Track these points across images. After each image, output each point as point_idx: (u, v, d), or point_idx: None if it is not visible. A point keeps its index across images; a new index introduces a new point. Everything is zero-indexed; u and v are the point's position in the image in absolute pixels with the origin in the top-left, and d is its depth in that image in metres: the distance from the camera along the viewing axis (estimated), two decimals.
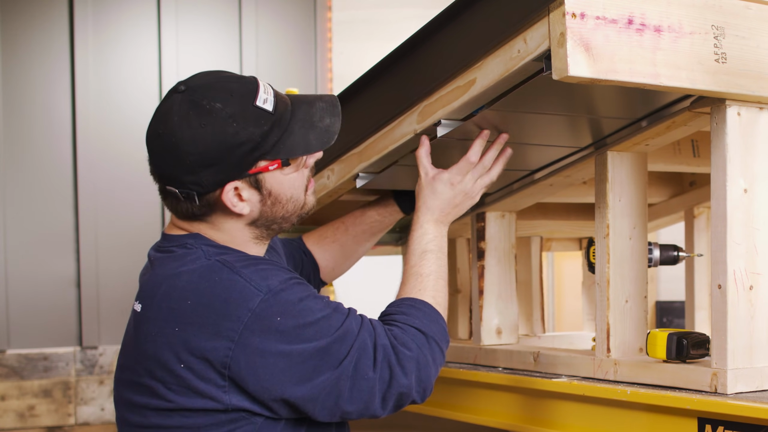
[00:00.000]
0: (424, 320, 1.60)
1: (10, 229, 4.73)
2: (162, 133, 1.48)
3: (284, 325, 1.42)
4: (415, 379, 1.53)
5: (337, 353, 1.46)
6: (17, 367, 4.65)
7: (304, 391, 1.45)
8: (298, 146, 1.55)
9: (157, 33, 5.00)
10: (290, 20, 5.30)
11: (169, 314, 1.44)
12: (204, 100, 1.48)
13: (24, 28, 4.77)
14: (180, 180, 1.49)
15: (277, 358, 1.42)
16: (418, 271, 1.70)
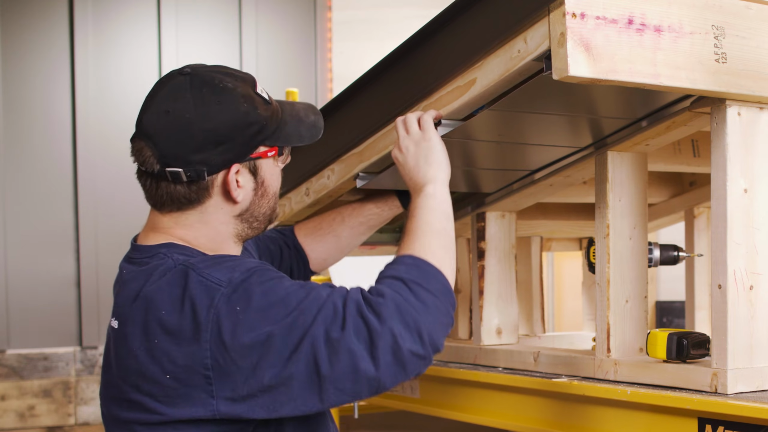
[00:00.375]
0: (405, 270, 1.49)
1: (10, 229, 4.73)
2: (171, 110, 1.47)
3: (246, 313, 1.40)
4: (400, 324, 1.41)
5: (304, 323, 1.40)
6: (17, 367, 4.65)
7: (283, 371, 1.40)
8: (293, 136, 1.58)
9: (157, 33, 5.01)
10: (290, 20, 5.30)
11: (147, 327, 1.43)
12: (215, 79, 1.50)
13: (24, 28, 4.77)
14: (187, 159, 1.47)
15: (251, 347, 1.39)
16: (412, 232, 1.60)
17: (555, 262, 5.43)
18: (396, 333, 1.40)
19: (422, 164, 1.67)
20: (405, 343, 1.41)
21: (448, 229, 1.61)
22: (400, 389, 2.51)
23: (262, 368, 1.39)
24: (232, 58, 5.15)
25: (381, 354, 1.40)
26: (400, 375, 1.42)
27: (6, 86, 4.74)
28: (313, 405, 1.42)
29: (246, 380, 1.40)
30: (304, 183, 2.28)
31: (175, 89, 1.49)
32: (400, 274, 1.47)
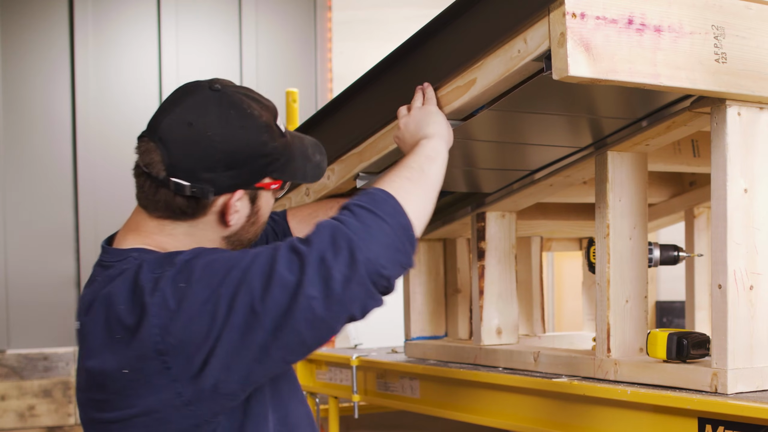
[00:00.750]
0: (354, 199, 1.43)
1: (10, 229, 4.73)
2: (194, 123, 1.45)
3: (191, 286, 1.38)
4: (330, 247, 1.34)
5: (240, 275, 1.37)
6: (17, 367, 4.65)
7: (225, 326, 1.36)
8: (298, 172, 1.57)
9: (157, 33, 5.01)
10: (290, 20, 5.30)
11: (105, 324, 1.43)
12: (244, 103, 1.48)
13: (24, 28, 4.77)
14: (196, 175, 1.46)
15: (197, 317, 1.36)
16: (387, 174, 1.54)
17: (555, 262, 5.43)
18: (325, 256, 1.33)
19: (421, 128, 1.65)
20: (334, 266, 1.33)
21: (426, 170, 1.52)
22: (399, 389, 2.51)
23: (210, 335, 1.36)
24: (232, 58, 5.15)
25: (310, 282, 1.33)
26: (336, 305, 1.34)
27: (6, 86, 4.74)
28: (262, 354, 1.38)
29: (199, 351, 1.37)
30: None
31: (203, 103, 1.47)
32: (347, 204, 1.42)
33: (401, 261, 1.40)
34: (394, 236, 1.39)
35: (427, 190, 1.51)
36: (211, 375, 1.38)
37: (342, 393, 2.81)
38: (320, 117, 2.25)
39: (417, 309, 2.64)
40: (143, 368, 1.39)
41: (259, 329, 1.35)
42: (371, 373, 2.65)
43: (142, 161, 1.50)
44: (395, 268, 1.38)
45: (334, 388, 2.86)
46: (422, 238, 2.65)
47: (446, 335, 2.68)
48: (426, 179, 1.51)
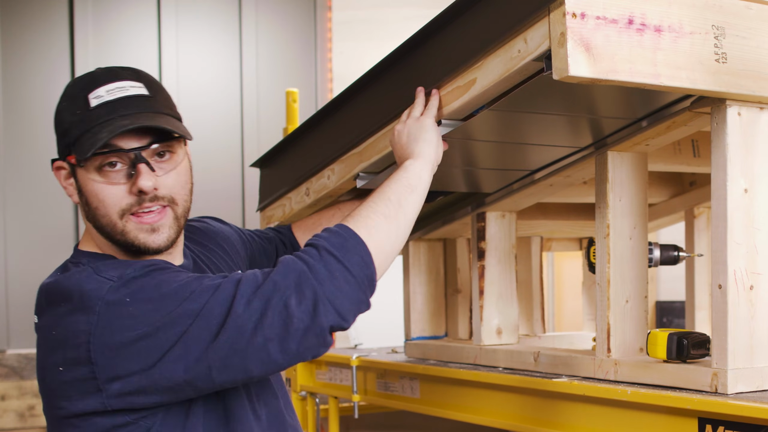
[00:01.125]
0: (325, 236, 1.42)
1: (10, 229, 4.73)
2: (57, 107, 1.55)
3: (134, 304, 1.36)
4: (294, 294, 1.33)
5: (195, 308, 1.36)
6: (17, 367, 4.65)
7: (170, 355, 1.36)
8: (88, 145, 1.43)
9: (157, 33, 5.01)
10: (290, 20, 5.30)
11: (47, 319, 1.44)
12: (76, 79, 1.53)
13: (24, 28, 4.77)
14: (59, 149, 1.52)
15: (136, 340, 1.35)
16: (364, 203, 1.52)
17: (555, 262, 5.43)
18: (289, 304, 1.33)
19: (411, 144, 1.65)
20: (296, 315, 1.33)
21: (404, 204, 1.51)
22: (400, 389, 2.51)
23: (150, 357, 1.36)
24: (232, 58, 5.15)
25: (270, 325, 1.33)
26: (291, 352, 1.35)
27: (6, 86, 4.74)
28: (205, 385, 1.38)
29: (132, 370, 1.36)
30: (304, 183, 2.28)
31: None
32: (318, 241, 1.41)
33: (360, 310, 1.41)
34: (358, 289, 1.39)
35: (401, 226, 1.50)
36: (140, 395, 1.38)
37: (342, 393, 2.81)
38: (320, 117, 2.25)
39: (417, 309, 2.64)
40: (74, 371, 1.39)
41: (204, 366, 1.36)
42: (371, 373, 2.65)
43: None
44: (353, 318, 1.40)
45: (334, 388, 2.86)
46: (422, 238, 2.65)
47: (446, 335, 2.68)
48: (402, 214, 1.51)
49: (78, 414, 1.41)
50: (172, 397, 1.40)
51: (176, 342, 1.35)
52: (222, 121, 5.11)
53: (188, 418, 1.45)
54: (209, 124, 5.07)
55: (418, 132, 1.67)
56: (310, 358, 1.39)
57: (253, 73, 5.18)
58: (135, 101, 1.46)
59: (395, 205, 1.50)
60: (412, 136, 1.67)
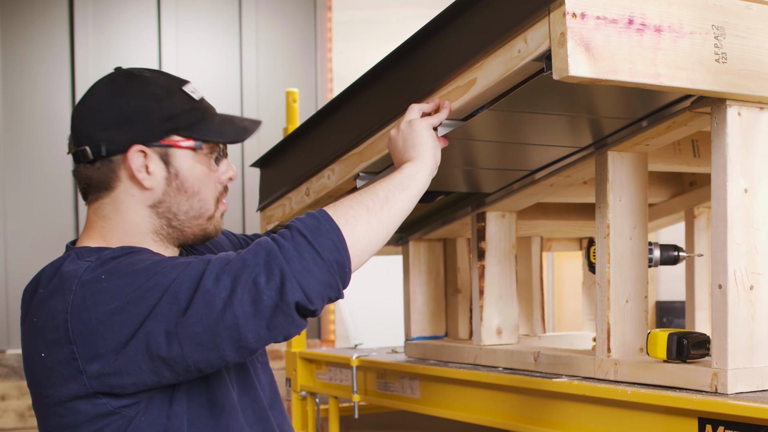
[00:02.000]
0: (301, 219, 1.43)
1: (10, 229, 4.73)
2: (88, 95, 1.54)
3: (110, 281, 1.38)
4: (263, 271, 1.34)
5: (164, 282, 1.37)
6: (17, 367, 4.65)
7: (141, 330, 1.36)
8: (214, 132, 1.54)
9: (157, 33, 5.01)
10: (290, 20, 5.30)
11: (31, 307, 1.46)
12: (134, 72, 1.54)
13: (24, 28, 4.77)
14: (93, 137, 1.50)
15: (110, 315, 1.36)
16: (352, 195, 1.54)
17: (555, 262, 5.43)
18: (258, 281, 1.34)
19: (407, 149, 1.65)
20: (265, 291, 1.34)
21: (391, 200, 1.51)
22: (400, 389, 2.51)
23: (123, 332, 1.36)
24: (232, 58, 5.15)
25: (239, 301, 1.33)
26: (262, 329, 1.35)
27: (6, 86, 4.74)
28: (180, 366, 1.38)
29: (108, 348, 1.37)
30: (305, 183, 2.28)
31: (96, 83, 1.55)
32: (293, 222, 1.41)
33: (329, 295, 1.40)
34: (327, 272, 1.38)
35: (383, 221, 1.49)
36: (118, 375, 1.38)
37: (342, 393, 2.82)
38: (320, 117, 2.25)
39: (417, 309, 2.64)
40: (55, 354, 1.40)
41: (175, 342, 1.36)
42: (371, 373, 2.65)
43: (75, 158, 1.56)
44: (321, 302, 1.39)
45: (334, 388, 2.87)
46: (422, 238, 2.65)
47: (446, 335, 2.68)
48: (387, 210, 1.50)
49: (62, 400, 1.41)
50: (150, 378, 1.39)
51: (147, 317, 1.35)
52: None
53: (171, 406, 1.45)
54: None
55: (413, 137, 1.66)
56: (281, 338, 1.39)
57: (253, 73, 5.19)
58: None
59: (381, 200, 1.50)
60: (408, 142, 1.66)
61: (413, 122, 1.68)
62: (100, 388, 1.39)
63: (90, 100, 1.53)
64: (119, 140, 1.49)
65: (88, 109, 1.53)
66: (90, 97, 1.54)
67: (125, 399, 1.41)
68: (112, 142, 1.49)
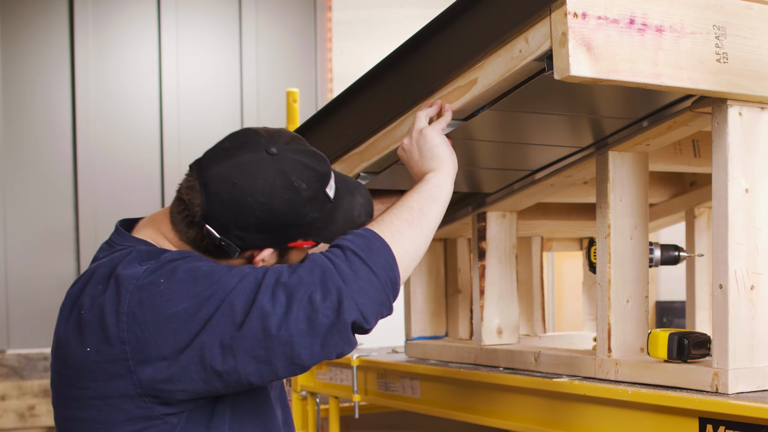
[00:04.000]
0: (350, 238, 1.45)
1: (10, 229, 4.73)
2: (239, 185, 1.45)
3: (168, 285, 1.39)
4: (319, 289, 1.36)
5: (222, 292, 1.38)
6: (17, 367, 4.65)
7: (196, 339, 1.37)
8: (335, 236, 1.54)
9: (157, 33, 5.01)
10: (290, 20, 5.30)
11: (78, 300, 1.45)
12: (293, 175, 1.47)
13: (24, 28, 4.77)
14: (229, 230, 1.47)
15: (166, 321, 1.37)
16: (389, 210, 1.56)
17: (555, 262, 5.43)
18: (314, 300, 1.36)
19: (426, 160, 1.66)
20: (321, 310, 1.36)
21: (426, 212, 1.55)
22: (400, 389, 2.51)
23: (178, 340, 1.38)
24: (232, 58, 5.15)
25: (295, 319, 1.35)
26: (316, 347, 1.37)
27: (6, 86, 4.74)
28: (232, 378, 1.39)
29: (163, 353, 1.38)
30: None
31: (254, 165, 1.46)
32: (343, 242, 1.44)
33: (383, 313, 1.43)
34: (381, 291, 1.41)
35: (423, 233, 1.53)
36: (169, 380, 1.39)
37: (342, 393, 2.82)
38: (320, 117, 2.25)
39: (417, 309, 2.64)
40: (105, 351, 1.40)
41: (230, 355, 1.37)
42: (372, 373, 2.65)
43: (184, 193, 1.51)
44: (376, 320, 1.42)
45: (335, 388, 2.87)
46: None
47: (447, 335, 2.68)
48: (425, 221, 1.54)
49: (105, 396, 1.42)
50: (200, 387, 1.40)
51: (203, 327, 1.37)
52: (222, 121, 5.11)
53: (213, 418, 1.46)
54: (209, 124, 5.07)
55: (431, 148, 1.66)
56: (334, 356, 1.41)
57: (253, 73, 5.19)
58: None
59: (418, 213, 1.53)
60: (425, 153, 1.66)
61: (425, 132, 1.68)
62: (150, 392, 1.40)
63: (241, 191, 1.45)
64: (254, 242, 1.49)
65: (235, 202, 1.45)
66: (242, 188, 1.45)
67: (172, 407, 1.42)
68: (245, 241, 1.48)
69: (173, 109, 4.99)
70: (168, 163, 4.92)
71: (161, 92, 4.98)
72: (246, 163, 1.46)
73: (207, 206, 1.46)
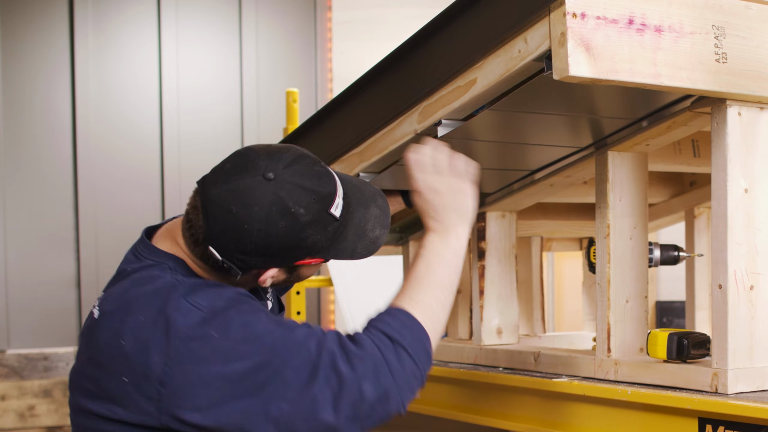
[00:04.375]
0: (397, 327, 1.50)
1: (10, 229, 4.73)
2: (236, 212, 1.45)
3: (221, 341, 1.42)
4: (371, 385, 1.44)
5: (275, 366, 1.42)
6: (17, 367, 4.65)
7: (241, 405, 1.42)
8: (346, 251, 1.56)
9: (157, 33, 5.00)
10: (290, 20, 5.30)
11: (121, 327, 1.45)
12: (290, 201, 1.46)
13: (24, 28, 4.77)
14: (230, 253, 1.48)
15: (214, 377, 1.41)
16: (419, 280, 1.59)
17: (555, 262, 5.43)
18: (364, 391, 1.43)
19: (452, 213, 1.63)
20: (369, 402, 1.44)
21: (453, 285, 1.60)
22: None
23: (220, 398, 1.41)
24: (232, 58, 5.15)
25: (344, 407, 1.43)
26: (355, 429, 1.45)
27: (6, 86, 4.74)
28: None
29: (198, 405, 1.41)
30: None
31: (251, 191, 1.46)
32: (391, 332, 1.49)
33: (412, 400, 1.52)
34: (421, 382, 1.51)
35: (450, 308, 1.60)
36: (197, 426, 1.42)
37: None
38: (320, 117, 2.25)
39: None
40: (140, 385, 1.42)
41: (272, 428, 1.42)
42: None
43: (190, 212, 1.52)
44: (410, 402, 1.51)
45: None
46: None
47: (446, 335, 2.68)
48: (452, 295, 1.60)
49: (128, 423, 1.45)
50: None
51: (251, 394, 1.41)
52: (222, 121, 5.11)
53: None
54: (209, 124, 5.07)
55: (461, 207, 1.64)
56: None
57: (253, 73, 5.18)
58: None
59: (449, 291, 1.59)
60: (453, 208, 1.63)
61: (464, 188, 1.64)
62: (169, 428, 1.43)
63: (238, 219, 1.45)
64: (256, 263, 1.50)
65: (233, 229, 1.45)
66: (239, 216, 1.45)
67: None
68: (248, 264, 1.50)
69: (173, 109, 4.99)
70: (168, 163, 4.92)
71: (161, 92, 4.98)
72: (242, 190, 1.46)
73: (208, 229, 1.48)
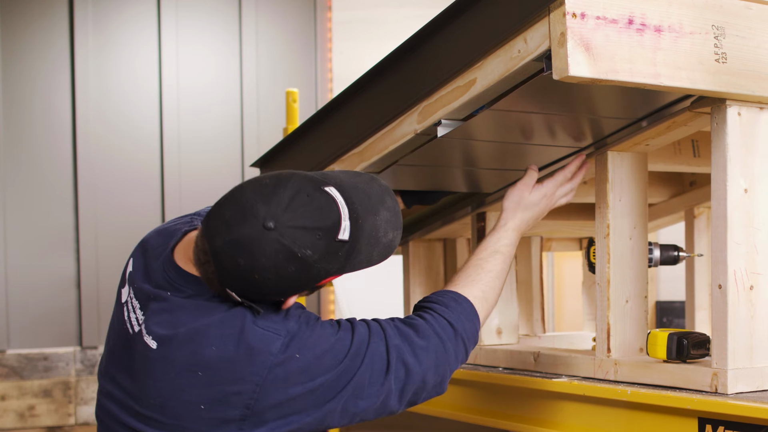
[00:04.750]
0: (460, 316, 1.67)
1: (10, 229, 4.73)
2: (244, 264, 1.44)
3: (304, 360, 1.50)
4: (432, 375, 1.61)
5: (352, 370, 1.54)
6: (17, 367, 4.65)
7: (321, 412, 1.53)
8: (362, 263, 1.58)
9: (157, 33, 5.01)
10: (290, 20, 5.30)
11: (192, 357, 1.48)
12: (295, 246, 1.44)
13: (24, 28, 4.78)
14: (247, 296, 1.50)
15: (303, 395, 1.50)
16: (481, 265, 1.81)
17: (555, 262, 5.43)
18: (427, 381, 1.60)
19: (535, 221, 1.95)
20: (428, 388, 1.62)
21: (505, 276, 1.85)
22: None
23: (305, 407, 1.51)
24: (232, 58, 5.15)
25: (407, 394, 1.59)
26: (407, 407, 1.63)
27: (6, 86, 4.74)
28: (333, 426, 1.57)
29: (285, 414, 1.49)
30: None
31: (254, 242, 1.44)
32: (455, 322, 1.66)
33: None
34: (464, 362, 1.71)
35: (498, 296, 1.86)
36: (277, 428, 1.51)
37: None
38: (320, 117, 2.25)
39: None
40: (220, 411, 1.48)
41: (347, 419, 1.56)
42: None
43: (201, 256, 1.50)
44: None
45: None
46: (422, 238, 2.65)
47: None
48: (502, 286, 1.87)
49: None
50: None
51: (333, 397, 1.53)
52: (222, 121, 5.11)
53: None
54: (209, 124, 5.07)
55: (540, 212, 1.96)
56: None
57: (253, 73, 5.19)
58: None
59: (503, 281, 1.85)
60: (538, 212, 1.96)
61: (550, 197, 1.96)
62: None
63: (247, 269, 1.45)
64: (275, 300, 1.54)
65: (244, 279, 1.46)
66: (247, 266, 1.44)
67: None
68: (266, 302, 1.54)
69: (173, 109, 4.99)
70: (168, 163, 4.92)
71: (161, 92, 4.98)
72: (246, 241, 1.44)
73: (220, 278, 1.49)
